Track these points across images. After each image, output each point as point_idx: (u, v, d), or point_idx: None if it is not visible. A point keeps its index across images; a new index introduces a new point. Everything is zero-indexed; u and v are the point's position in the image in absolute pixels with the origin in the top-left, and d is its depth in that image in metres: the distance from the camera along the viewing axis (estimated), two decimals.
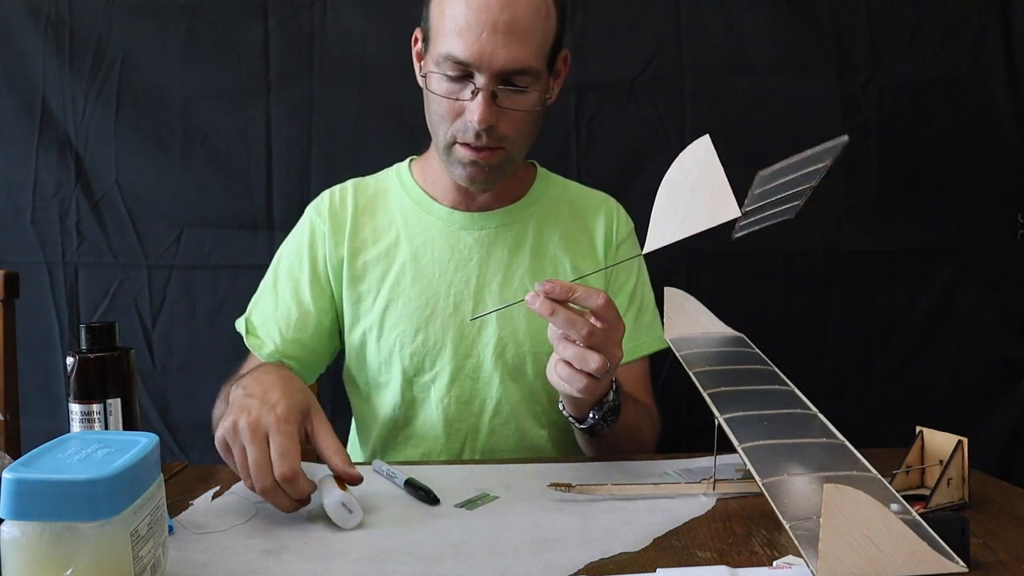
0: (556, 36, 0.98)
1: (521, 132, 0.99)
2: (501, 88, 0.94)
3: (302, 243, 1.10)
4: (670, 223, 0.72)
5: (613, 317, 0.77)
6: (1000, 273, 1.50)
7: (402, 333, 1.05)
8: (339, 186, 1.14)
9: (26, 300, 1.25)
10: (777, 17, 1.47)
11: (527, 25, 0.93)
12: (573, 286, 0.75)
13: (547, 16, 0.95)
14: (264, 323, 1.09)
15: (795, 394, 0.79)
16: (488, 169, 1.00)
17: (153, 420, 1.49)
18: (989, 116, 1.48)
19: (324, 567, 0.64)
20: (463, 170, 1.00)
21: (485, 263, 1.07)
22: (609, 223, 1.12)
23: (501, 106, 0.95)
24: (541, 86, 0.98)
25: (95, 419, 0.74)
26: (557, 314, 0.75)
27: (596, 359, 0.75)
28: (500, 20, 0.91)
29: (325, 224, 1.09)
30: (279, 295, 1.09)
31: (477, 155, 0.98)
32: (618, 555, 0.65)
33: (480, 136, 0.96)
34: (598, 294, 0.76)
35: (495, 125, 0.95)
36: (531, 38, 0.93)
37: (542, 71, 0.97)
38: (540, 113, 1.00)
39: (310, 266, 1.09)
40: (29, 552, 0.52)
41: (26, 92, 1.47)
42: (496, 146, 0.98)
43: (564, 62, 1.05)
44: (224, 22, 1.47)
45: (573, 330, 0.75)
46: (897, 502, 0.61)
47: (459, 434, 1.06)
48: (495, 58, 0.92)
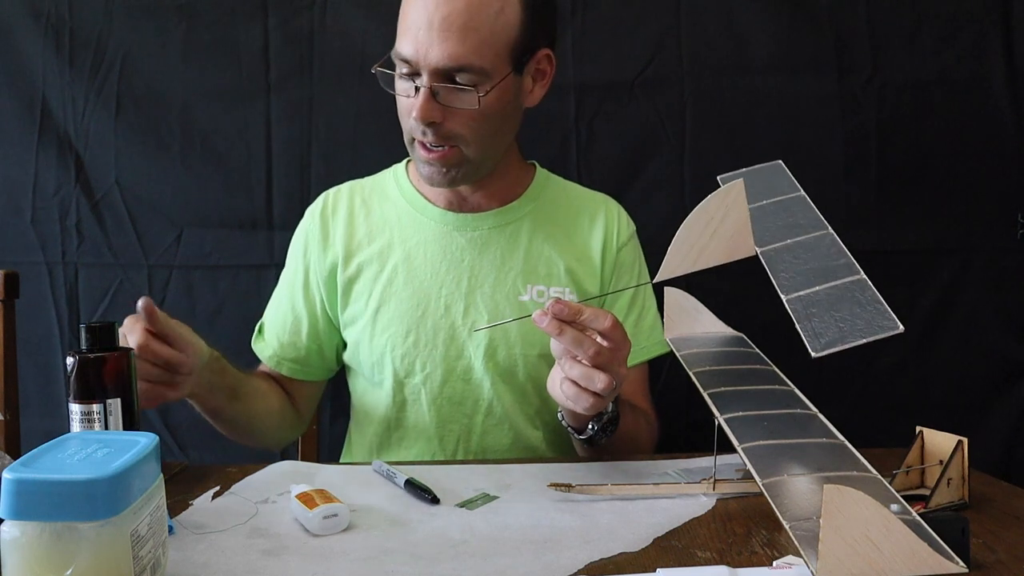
0: (522, 33, 0.96)
1: (474, 131, 0.97)
2: (442, 85, 0.93)
3: (297, 248, 1.13)
4: (685, 258, 0.74)
5: (620, 337, 0.77)
6: (1000, 273, 1.50)
7: (393, 335, 1.05)
8: (335, 188, 1.14)
9: (26, 300, 1.25)
10: (777, 17, 1.47)
11: (465, 21, 0.91)
12: (581, 308, 0.76)
13: (499, 12, 0.93)
14: (270, 327, 1.13)
15: (795, 394, 0.79)
16: (445, 169, 0.99)
17: (153, 420, 1.49)
18: (989, 116, 1.48)
19: (324, 567, 0.64)
20: (424, 168, 1.01)
21: (477, 264, 1.06)
22: (609, 226, 1.11)
23: (444, 104, 0.94)
24: (500, 86, 0.95)
25: (95, 419, 0.74)
26: (565, 333, 0.75)
27: (603, 379, 0.75)
28: (436, 17, 0.91)
29: (316, 228, 1.11)
30: (279, 300, 1.13)
31: (429, 154, 0.98)
32: (618, 555, 0.65)
33: (426, 133, 0.96)
34: (605, 316, 0.76)
35: (440, 123, 0.95)
36: (471, 35, 0.92)
37: (491, 69, 0.94)
38: (501, 111, 0.98)
39: (303, 272, 1.11)
40: (29, 552, 0.52)
41: (26, 92, 1.47)
42: (445, 144, 0.97)
43: (549, 62, 1.03)
44: (224, 22, 1.47)
45: (580, 350, 0.75)
46: (897, 502, 0.61)
47: (452, 435, 1.06)
48: (430, 55, 0.92)
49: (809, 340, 0.66)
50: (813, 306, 0.68)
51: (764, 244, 0.76)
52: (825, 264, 0.73)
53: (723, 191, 0.74)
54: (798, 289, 0.71)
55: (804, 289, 0.70)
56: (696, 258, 0.73)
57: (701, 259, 0.73)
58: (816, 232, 0.77)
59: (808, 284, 0.71)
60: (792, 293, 0.70)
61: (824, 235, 0.77)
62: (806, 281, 0.71)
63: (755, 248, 0.74)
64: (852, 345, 0.65)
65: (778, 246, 0.76)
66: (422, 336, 1.04)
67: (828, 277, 0.71)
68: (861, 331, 0.65)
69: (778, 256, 0.75)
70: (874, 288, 0.69)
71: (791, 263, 0.74)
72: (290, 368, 1.12)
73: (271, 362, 1.11)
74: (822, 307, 0.68)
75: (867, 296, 0.68)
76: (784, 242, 0.77)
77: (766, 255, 0.76)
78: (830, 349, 0.65)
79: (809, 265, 0.73)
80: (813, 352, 0.65)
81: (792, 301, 0.70)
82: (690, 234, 0.74)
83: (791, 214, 0.80)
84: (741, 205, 0.73)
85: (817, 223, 0.79)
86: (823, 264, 0.73)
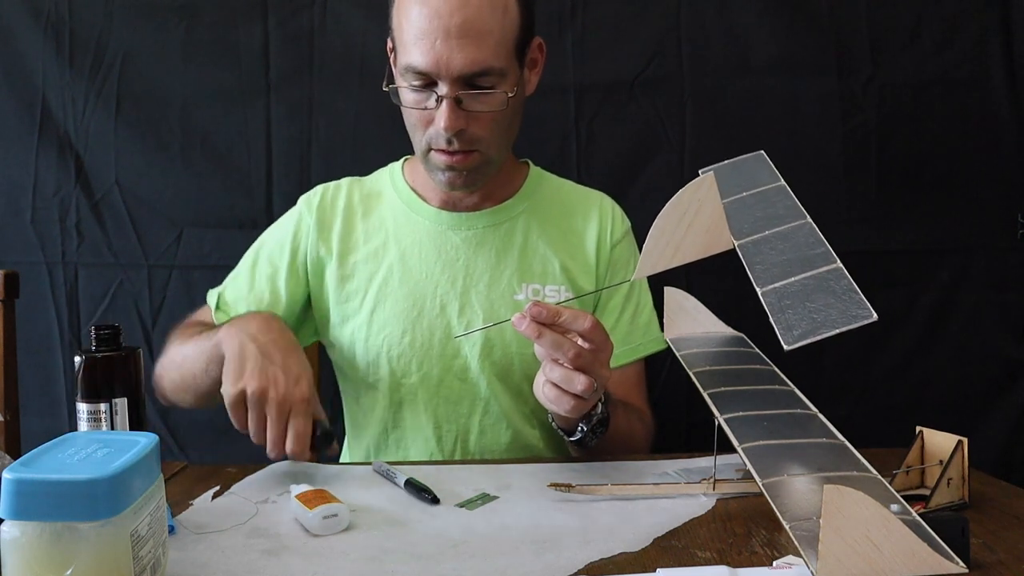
0: (521, 28, 0.97)
1: (493, 132, 0.98)
2: (465, 92, 0.94)
3: (287, 232, 1.11)
4: (662, 254, 0.73)
5: (601, 339, 0.77)
6: (1000, 273, 1.50)
7: (389, 335, 1.05)
8: (335, 183, 1.14)
9: (26, 300, 1.25)
10: (777, 17, 1.47)
11: (481, 25, 0.91)
12: (559, 310, 0.75)
13: (505, 11, 0.94)
14: (235, 301, 1.08)
15: (795, 394, 0.79)
16: (466, 173, 1.00)
17: (153, 420, 1.49)
18: (989, 116, 1.48)
19: (324, 567, 0.64)
20: (442, 175, 1.00)
21: (472, 264, 1.06)
22: (603, 223, 1.11)
23: (467, 110, 0.95)
24: (509, 83, 0.96)
25: (102, 418, 0.75)
26: (544, 336, 0.75)
27: (583, 381, 0.76)
28: (452, 24, 0.90)
29: (312, 218, 1.10)
30: (256, 278, 1.09)
31: (452, 159, 0.98)
32: (618, 555, 0.65)
33: (451, 142, 0.96)
34: (585, 317, 0.76)
35: (465, 129, 0.95)
36: (487, 37, 0.92)
37: (507, 68, 0.95)
38: (515, 109, 0.99)
39: (291, 256, 1.09)
40: (29, 552, 0.52)
41: (26, 92, 1.47)
42: (470, 149, 0.97)
43: (540, 50, 1.04)
44: (224, 22, 1.47)
45: (560, 352, 0.75)
46: (897, 502, 0.61)
47: (450, 435, 1.06)
48: (452, 64, 0.91)
49: (782, 333, 0.64)
50: (787, 298, 0.67)
51: (741, 236, 0.75)
52: (802, 254, 0.71)
53: (694, 184, 0.73)
54: (773, 281, 0.69)
55: (779, 281, 0.69)
56: (673, 254, 0.73)
57: (679, 254, 0.73)
58: (794, 222, 0.76)
59: (783, 275, 0.69)
60: (767, 286, 0.69)
61: (802, 224, 0.75)
62: (781, 272, 0.69)
63: (733, 241, 0.73)
64: (826, 336, 0.63)
65: (756, 238, 0.75)
66: (418, 336, 1.04)
67: (804, 267, 0.69)
68: (835, 321, 0.63)
69: (755, 248, 0.74)
70: (849, 277, 0.67)
71: (767, 255, 0.72)
72: None
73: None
74: (796, 298, 0.66)
75: (841, 285, 0.66)
76: (762, 233, 0.75)
77: (743, 248, 0.74)
78: (803, 341, 0.63)
79: (785, 256, 0.71)
80: (786, 345, 0.63)
81: (767, 294, 0.68)
82: (665, 229, 0.73)
83: (770, 205, 0.79)
84: (714, 197, 0.72)
85: (796, 212, 0.77)
86: (800, 254, 0.71)
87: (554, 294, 1.06)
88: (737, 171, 0.86)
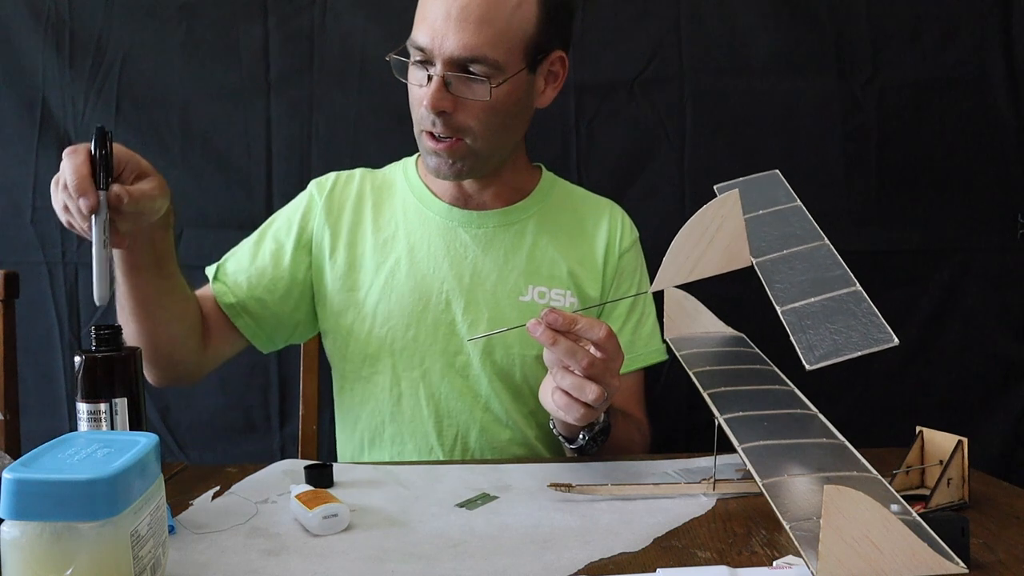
0: (538, 32, 0.97)
1: (482, 124, 0.97)
2: (454, 75, 0.94)
3: (296, 211, 1.11)
4: (681, 269, 0.74)
5: (614, 348, 0.77)
6: (1000, 273, 1.50)
7: (394, 327, 1.05)
8: (347, 172, 1.14)
9: (26, 300, 1.25)
10: (777, 17, 1.47)
11: (483, 13, 0.92)
12: (576, 318, 0.75)
13: (516, 8, 0.94)
14: (235, 272, 1.08)
15: (795, 394, 0.79)
16: (451, 161, 1.00)
17: (153, 420, 1.49)
18: (989, 116, 1.48)
19: (324, 567, 0.64)
20: (429, 160, 1.01)
21: (480, 262, 1.06)
22: (612, 231, 1.11)
23: (455, 94, 0.95)
24: (512, 80, 0.96)
25: (102, 418, 0.75)
26: (559, 343, 0.75)
27: (594, 390, 0.75)
28: (454, 6, 0.92)
29: (322, 201, 1.10)
30: (260, 252, 1.09)
31: (437, 145, 0.98)
32: (618, 555, 0.65)
33: (435, 123, 0.96)
34: (600, 326, 0.76)
35: (451, 114, 0.96)
36: (486, 27, 0.93)
37: (505, 63, 0.95)
38: (513, 109, 0.99)
39: (298, 234, 1.09)
40: (29, 552, 0.52)
41: (26, 92, 1.47)
42: (452, 135, 0.97)
43: (562, 64, 1.04)
44: (224, 22, 1.47)
45: (573, 360, 0.75)
46: (897, 502, 0.61)
47: (451, 430, 1.06)
48: (445, 43, 0.92)
49: (804, 353, 0.66)
50: (807, 318, 0.69)
51: (760, 255, 0.77)
52: (821, 275, 0.73)
53: (719, 201, 0.74)
54: (793, 301, 0.71)
55: (799, 301, 0.71)
56: (692, 269, 0.73)
57: (697, 269, 0.73)
58: (812, 243, 0.78)
59: (803, 295, 0.71)
60: (787, 305, 0.71)
61: (820, 246, 0.77)
62: (801, 292, 0.71)
63: (751, 259, 0.74)
64: (847, 358, 0.65)
65: (774, 256, 0.76)
66: (422, 330, 1.04)
67: (823, 289, 0.71)
68: (856, 344, 0.65)
69: (774, 267, 0.75)
70: (869, 300, 0.69)
71: (787, 274, 0.74)
72: (245, 321, 1.06)
73: (230, 309, 1.05)
74: (817, 319, 0.68)
75: (862, 308, 0.68)
76: (780, 252, 0.77)
77: (762, 266, 0.76)
78: (825, 362, 0.65)
79: (804, 276, 0.73)
80: (808, 365, 0.65)
81: (787, 313, 0.70)
82: (686, 244, 0.74)
83: (788, 224, 0.80)
84: (737, 215, 0.73)
85: (813, 234, 0.79)
86: (818, 275, 0.73)
87: (560, 298, 1.06)
88: (753, 188, 0.87)
